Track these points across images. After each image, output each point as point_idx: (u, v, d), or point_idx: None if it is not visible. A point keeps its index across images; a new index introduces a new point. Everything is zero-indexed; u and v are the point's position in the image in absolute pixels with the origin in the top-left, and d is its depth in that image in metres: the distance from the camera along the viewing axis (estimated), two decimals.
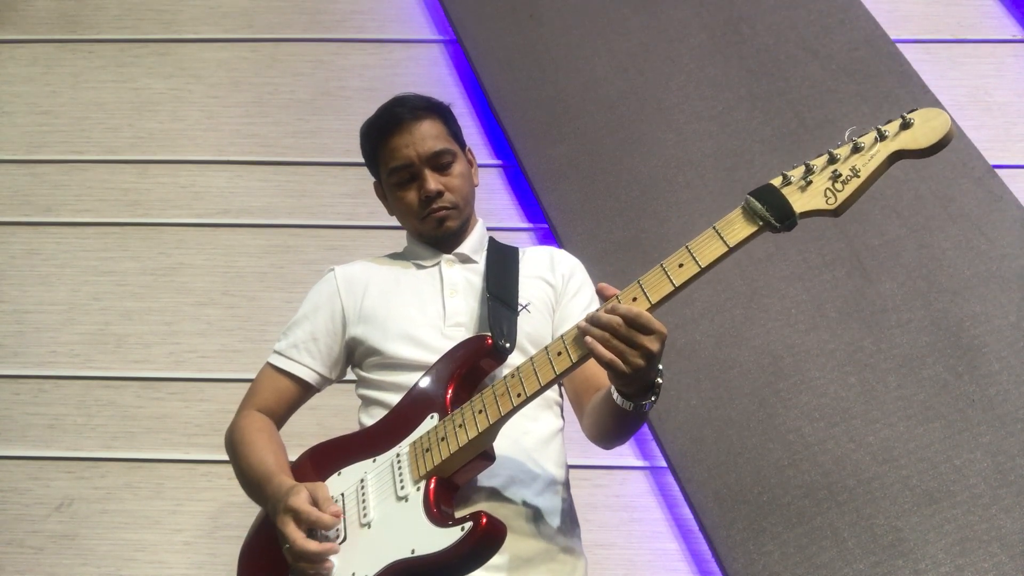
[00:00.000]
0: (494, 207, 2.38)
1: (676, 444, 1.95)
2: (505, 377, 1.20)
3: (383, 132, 1.46)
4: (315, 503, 1.20)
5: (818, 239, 2.08)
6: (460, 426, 1.19)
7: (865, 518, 1.81)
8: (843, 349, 1.97)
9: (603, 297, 1.14)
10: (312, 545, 1.16)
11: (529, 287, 1.44)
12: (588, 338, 1.10)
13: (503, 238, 1.58)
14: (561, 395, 1.49)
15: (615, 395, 1.17)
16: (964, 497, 1.79)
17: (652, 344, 1.07)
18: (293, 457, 1.39)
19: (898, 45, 2.30)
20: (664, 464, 2.00)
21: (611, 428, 1.28)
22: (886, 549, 1.77)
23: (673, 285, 1.09)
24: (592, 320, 1.10)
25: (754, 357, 1.99)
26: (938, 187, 2.10)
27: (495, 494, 1.26)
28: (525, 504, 1.28)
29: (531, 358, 1.18)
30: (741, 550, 1.82)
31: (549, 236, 2.26)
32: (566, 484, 1.39)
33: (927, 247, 2.05)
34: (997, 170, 2.13)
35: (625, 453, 2.10)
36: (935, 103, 2.18)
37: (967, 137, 2.16)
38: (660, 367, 1.13)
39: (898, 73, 2.24)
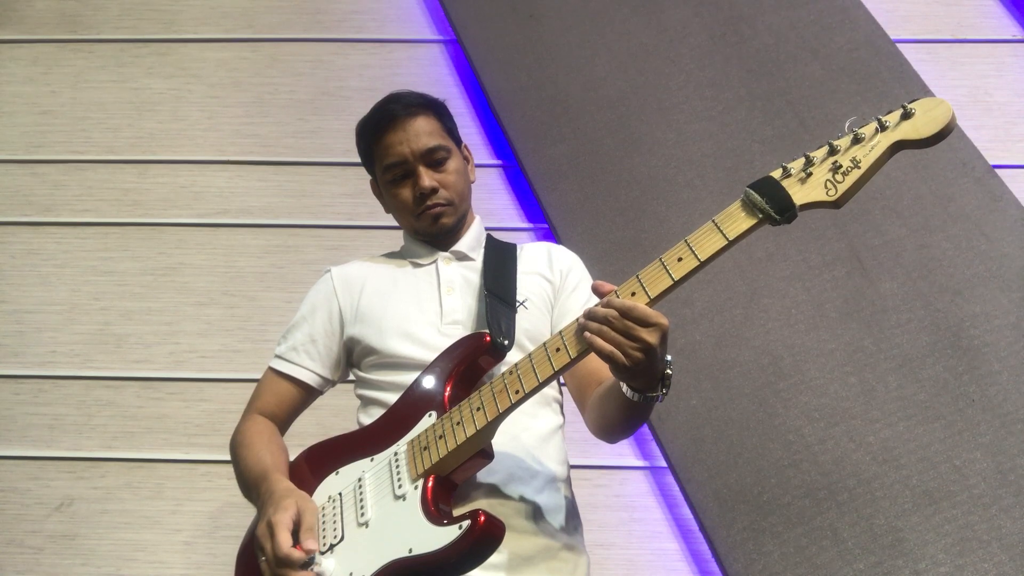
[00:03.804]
0: (494, 207, 2.38)
1: (676, 444, 1.94)
2: (503, 374, 1.19)
3: (377, 129, 1.46)
4: (299, 525, 1.17)
5: (818, 239, 2.08)
6: (458, 424, 1.19)
7: (865, 518, 1.80)
8: (843, 349, 1.96)
9: (599, 294, 1.13)
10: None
11: (527, 283, 1.44)
12: (586, 333, 1.09)
13: (503, 238, 1.57)
14: (561, 392, 1.49)
15: (624, 387, 1.16)
16: (964, 497, 1.79)
17: (650, 337, 1.06)
18: (292, 457, 1.39)
19: (898, 45, 2.30)
20: (664, 464, 2.00)
21: (618, 420, 1.27)
22: (886, 549, 1.77)
23: (672, 279, 1.08)
24: (588, 314, 1.10)
25: (754, 357, 1.98)
26: (938, 187, 2.10)
27: (494, 491, 1.26)
28: (525, 501, 1.27)
29: (529, 355, 1.18)
30: (741, 550, 1.82)
31: (549, 236, 2.26)
32: (567, 481, 1.38)
33: (927, 247, 2.04)
34: (997, 170, 2.12)
35: (625, 453, 2.10)
36: None
37: (967, 137, 2.15)
38: (669, 358, 1.12)
39: (898, 73, 2.24)
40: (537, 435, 1.34)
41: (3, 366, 2.28)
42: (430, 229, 1.46)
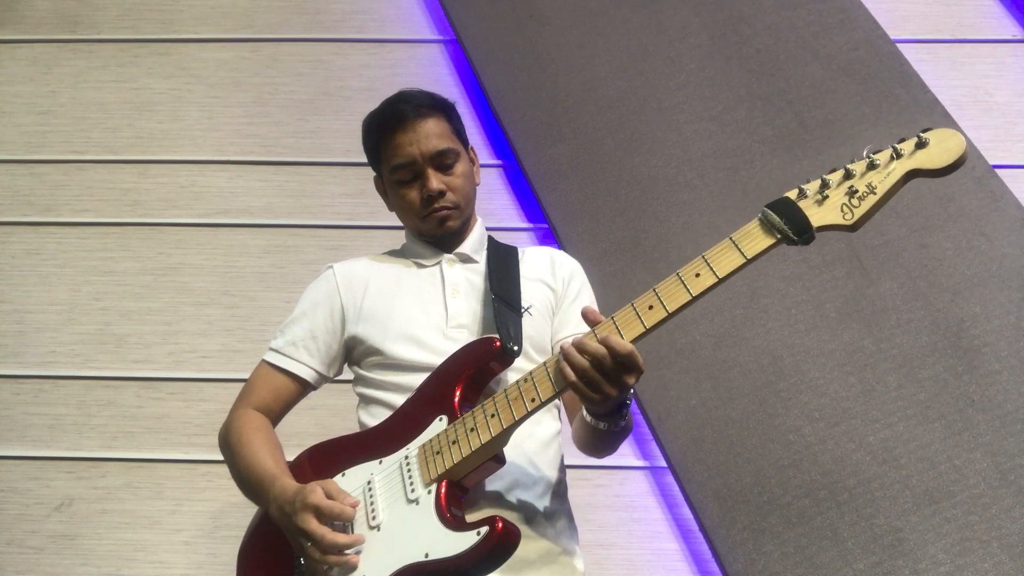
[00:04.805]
0: (494, 207, 2.38)
1: (676, 444, 1.95)
2: (517, 382, 1.20)
3: (386, 128, 1.44)
4: (331, 497, 1.19)
5: (818, 239, 2.07)
6: (472, 430, 1.19)
7: (865, 518, 1.81)
8: (843, 349, 1.97)
9: (588, 321, 1.15)
10: (341, 538, 1.16)
11: (530, 290, 1.43)
12: (567, 367, 1.11)
13: (503, 238, 1.57)
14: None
15: (585, 413, 1.20)
16: (964, 497, 1.79)
17: (630, 379, 1.10)
18: (291, 457, 1.38)
19: (898, 45, 2.30)
20: (664, 464, 2.00)
21: (590, 441, 1.31)
22: (886, 549, 1.77)
23: (690, 294, 1.10)
24: (579, 346, 1.11)
25: (754, 357, 1.99)
26: (938, 187, 2.10)
27: (498, 497, 1.26)
28: (527, 507, 1.28)
29: (544, 363, 1.18)
30: (741, 550, 1.82)
31: (549, 236, 2.26)
32: (565, 487, 1.39)
33: (927, 247, 2.05)
34: (997, 170, 2.13)
35: (625, 453, 2.10)
36: (935, 103, 2.18)
37: (967, 137, 2.15)
38: (632, 391, 1.16)
39: (898, 73, 2.24)
40: (539, 441, 1.35)
41: (3, 366, 2.28)
42: (435, 231, 1.45)
